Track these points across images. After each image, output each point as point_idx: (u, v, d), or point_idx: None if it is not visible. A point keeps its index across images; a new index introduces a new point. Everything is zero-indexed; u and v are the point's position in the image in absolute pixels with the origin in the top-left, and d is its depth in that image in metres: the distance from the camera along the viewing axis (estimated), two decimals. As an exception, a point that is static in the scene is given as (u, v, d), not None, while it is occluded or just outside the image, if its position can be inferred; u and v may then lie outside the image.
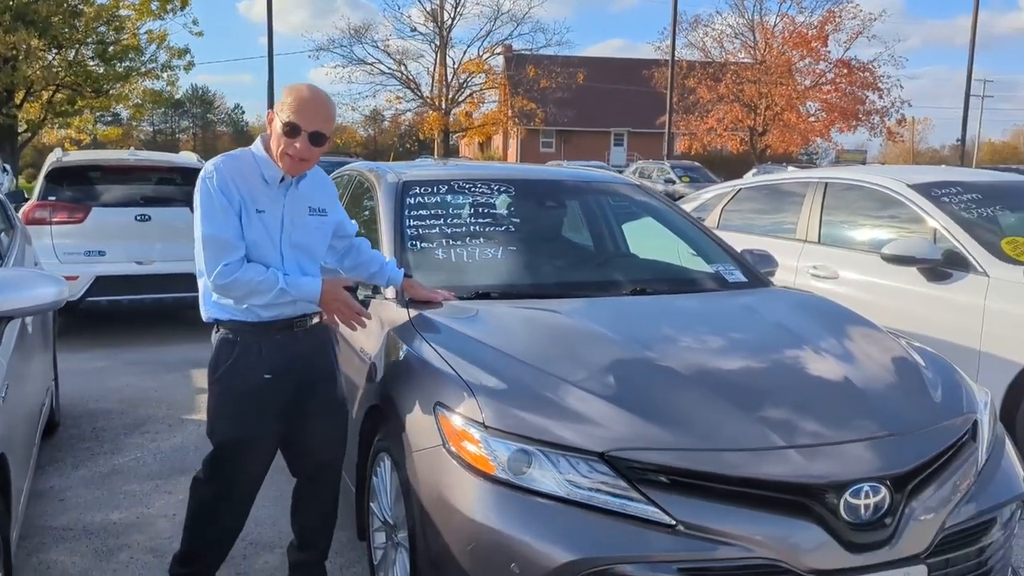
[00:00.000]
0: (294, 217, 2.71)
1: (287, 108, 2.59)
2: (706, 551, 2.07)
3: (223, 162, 2.65)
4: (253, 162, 2.67)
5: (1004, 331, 4.07)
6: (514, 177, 4.00)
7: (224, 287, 2.58)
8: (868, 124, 35.47)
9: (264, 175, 2.66)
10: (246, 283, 2.57)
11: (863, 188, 5.22)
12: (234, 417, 2.70)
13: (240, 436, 2.72)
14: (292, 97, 2.60)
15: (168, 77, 27.43)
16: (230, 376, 2.69)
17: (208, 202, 2.58)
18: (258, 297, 2.61)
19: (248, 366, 2.67)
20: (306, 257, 2.75)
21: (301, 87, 2.65)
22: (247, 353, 2.67)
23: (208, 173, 2.61)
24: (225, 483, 2.79)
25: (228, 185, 2.59)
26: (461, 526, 2.21)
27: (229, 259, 2.56)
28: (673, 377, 2.49)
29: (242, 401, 2.69)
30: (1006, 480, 2.49)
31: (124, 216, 7.08)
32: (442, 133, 37.33)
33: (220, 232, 2.57)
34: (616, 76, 44.39)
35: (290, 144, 2.59)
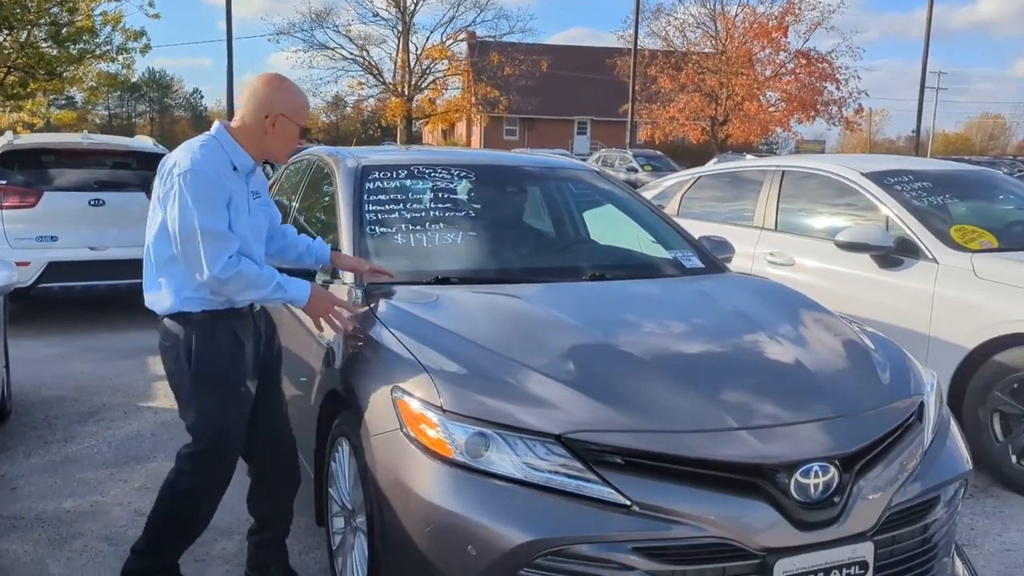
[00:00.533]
0: (250, 203, 2.75)
1: (303, 112, 2.74)
2: (660, 531, 2.10)
3: (208, 153, 2.60)
4: (223, 151, 2.65)
5: (952, 316, 4.18)
6: (475, 162, 4.00)
7: (226, 280, 2.55)
8: (826, 114, 35.96)
9: (234, 163, 2.66)
10: (247, 276, 2.57)
11: (818, 176, 5.30)
12: (221, 403, 2.70)
13: (229, 421, 2.73)
14: (305, 102, 2.76)
15: (124, 60, 26.83)
16: (212, 363, 2.67)
17: (206, 193, 2.54)
18: (255, 291, 2.62)
19: (226, 350, 2.69)
20: (258, 242, 2.79)
21: (301, 92, 2.78)
22: (224, 337, 2.68)
23: (200, 164, 2.55)
24: (213, 472, 2.77)
25: (220, 176, 2.59)
26: (419, 509, 2.22)
27: (231, 251, 2.56)
28: (630, 361, 2.52)
29: (226, 384, 2.70)
30: (950, 460, 2.56)
31: (77, 201, 6.94)
32: (405, 120, 37.07)
33: (220, 225, 2.55)
34: (580, 64, 44.43)
35: (296, 142, 2.77)
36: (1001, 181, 5.51)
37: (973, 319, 4.08)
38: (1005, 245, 4.45)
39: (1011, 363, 3.93)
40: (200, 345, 2.67)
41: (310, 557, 3.23)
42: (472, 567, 2.13)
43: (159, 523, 2.81)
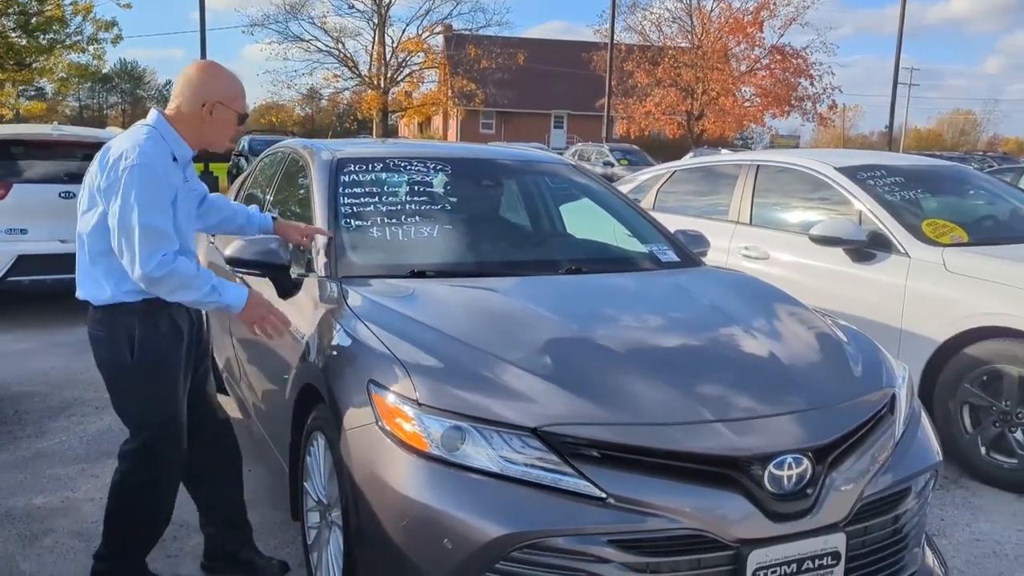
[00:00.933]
0: (187, 192, 2.76)
1: (240, 98, 2.73)
2: (635, 523, 2.11)
3: (149, 148, 2.55)
4: (163, 142, 2.62)
5: (923, 310, 4.23)
6: (451, 156, 3.99)
7: (157, 279, 2.50)
8: (800, 110, 36.21)
9: (175, 154, 2.66)
10: (181, 275, 2.53)
11: (793, 171, 5.34)
12: (167, 391, 2.70)
13: (176, 408, 2.72)
14: (242, 88, 2.74)
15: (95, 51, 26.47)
16: (156, 352, 2.66)
17: (150, 189, 2.50)
18: (187, 293, 2.57)
19: (169, 337, 2.69)
20: (191, 226, 2.83)
21: (236, 79, 2.75)
22: (166, 325, 2.68)
23: (149, 158, 2.52)
24: (166, 462, 2.75)
25: (168, 173, 2.57)
26: (394, 503, 2.22)
27: (166, 250, 2.52)
28: (606, 354, 2.52)
29: (170, 372, 2.70)
30: (921, 451, 2.59)
31: (47, 193, 6.85)
32: (381, 112, 36.86)
33: (160, 223, 2.51)
34: (556, 58, 44.42)
35: (236, 130, 2.77)
36: (971, 176, 5.58)
37: (944, 312, 4.13)
38: (975, 240, 4.51)
39: (980, 356, 3.99)
40: (143, 334, 2.64)
41: (285, 552, 3.21)
42: (448, 561, 2.13)
43: (117, 524, 2.78)
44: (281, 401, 3.09)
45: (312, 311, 3.00)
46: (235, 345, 4.02)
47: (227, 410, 3.74)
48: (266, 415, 3.54)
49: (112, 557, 2.82)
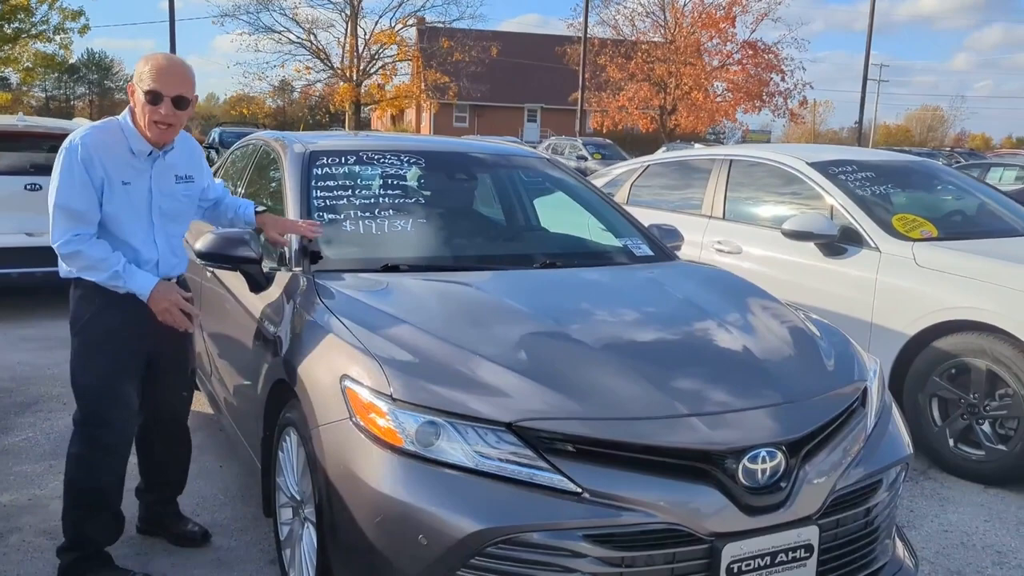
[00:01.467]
0: (162, 187, 2.85)
1: (146, 77, 2.71)
2: (610, 518, 2.11)
3: (90, 135, 2.72)
4: (121, 134, 2.77)
5: (893, 304, 4.27)
6: (424, 149, 3.96)
7: (67, 256, 2.71)
8: (772, 105, 36.51)
9: (132, 148, 2.77)
10: (88, 257, 2.70)
11: (765, 166, 5.37)
12: (100, 366, 2.80)
13: (107, 384, 2.81)
14: (149, 66, 2.72)
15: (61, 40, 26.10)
16: (94, 324, 2.79)
17: (69, 173, 2.67)
18: (94, 273, 2.73)
19: (109, 316, 2.79)
20: (173, 224, 2.93)
21: (157, 56, 2.78)
22: (107, 304, 2.78)
23: (73, 145, 2.69)
24: (96, 435, 2.82)
25: (92, 159, 2.69)
26: (369, 499, 2.20)
27: (80, 231, 2.69)
28: (580, 349, 2.52)
29: (104, 349, 2.80)
30: (892, 444, 2.61)
31: (12, 185, 6.71)
32: (353, 105, 36.61)
33: (75, 204, 2.67)
34: (530, 52, 44.37)
35: (155, 111, 2.71)
36: (941, 172, 5.64)
37: (913, 306, 4.18)
38: (944, 234, 4.57)
39: (949, 349, 4.04)
40: (82, 310, 2.81)
41: (256, 549, 3.18)
42: (423, 557, 2.12)
43: (66, 508, 2.88)
44: (253, 397, 3.05)
45: (284, 305, 2.97)
46: (206, 340, 3.97)
47: (198, 406, 3.69)
48: (238, 411, 3.50)
49: (71, 548, 2.88)
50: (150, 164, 2.81)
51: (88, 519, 2.87)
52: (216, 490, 3.68)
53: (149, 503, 3.24)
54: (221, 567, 3.06)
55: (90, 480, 2.85)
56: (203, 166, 3.10)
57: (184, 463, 3.28)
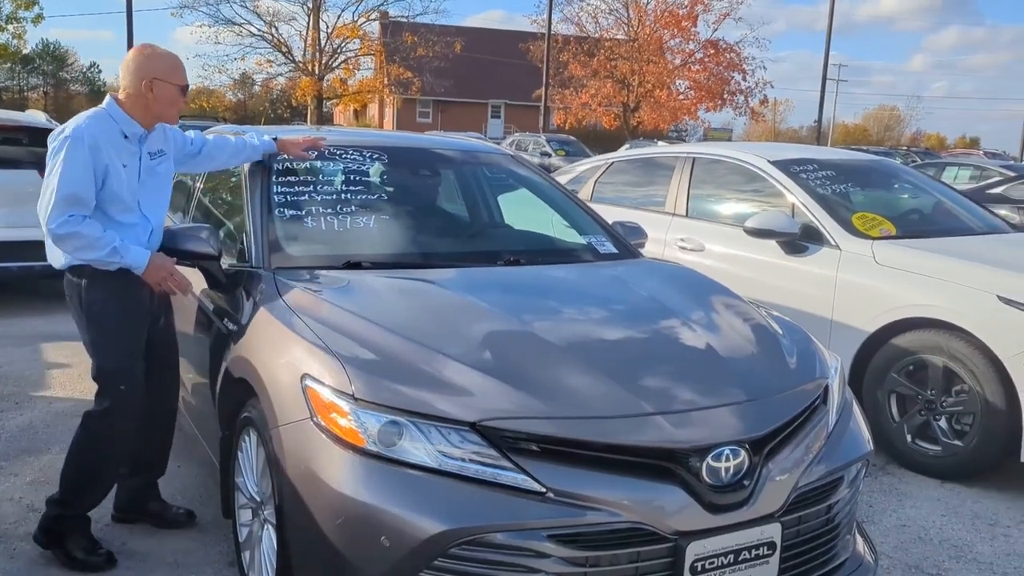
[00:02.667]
0: (146, 164, 3.00)
1: (179, 72, 2.98)
2: (574, 517, 2.10)
3: (91, 124, 2.84)
4: (111, 121, 2.90)
5: (853, 301, 4.32)
6: (387, 144, 3.92)
7: (62, 236, 2.78)
8: (733, 104, 36.87)
9: (125, 132, 2.92)
10: (85, 236, 2.78)
11: (728, 164, 5.41)
12: (115, 346, 2.91)
13: (123, 364, 2.91)
14: (175, 63, 2.98)
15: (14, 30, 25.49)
16: (111, 307, 2.90)
17: (73, 161, 2.78)
18: (91, 252, 2.82)
19: (125, 297, 2.91)
20: (157, 198, 3.07)
21: (169, 53, 3.00)
22: (113, 286, 2.89)
23: (79, 131, 2.80)
24: (115, 414, 2.91)
25: (99, 145, 2.82)
26: (330, 501, 2.17)
27: (74, 212, 2.78)
28: (544, 347, 2.50)
29: (125, 327, 2.93)
30: (853, 441, 2.64)
31: None
32: (316, 99, 36.22)
33: (77, 189, 2.77)
34: (494, 47, 44.26)
35: (181, 101, 3.00)
36: (900, 171, 5.73)
37: (873, 304, 4.23)
38: (903, 233, 4.63)
39: (907, 346, 4.10)
40: (94, 295, 2.90)
41: (216, 550, 3.12)
42: (386, 558, 2.09)
43: (69, 471, 3.00)
44: (211, 396, 3.00)
45: (245, 303, 2.92)
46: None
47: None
48: (196, 409, 3.43)
49: (61, 503, 3.01)
50: (139, 146, 2.97)
51: (86, 488, 3.01)
52: (174, 491, 3.60)
53: (132, 488, 3.27)
54: (179, 569, 3.00)
55: (99, 458, 2.99)
56: (167, 134, 3.16)
57: (168, 447, 3.34)
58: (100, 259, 2.83)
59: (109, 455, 3.01)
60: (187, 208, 4.13)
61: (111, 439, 2.97)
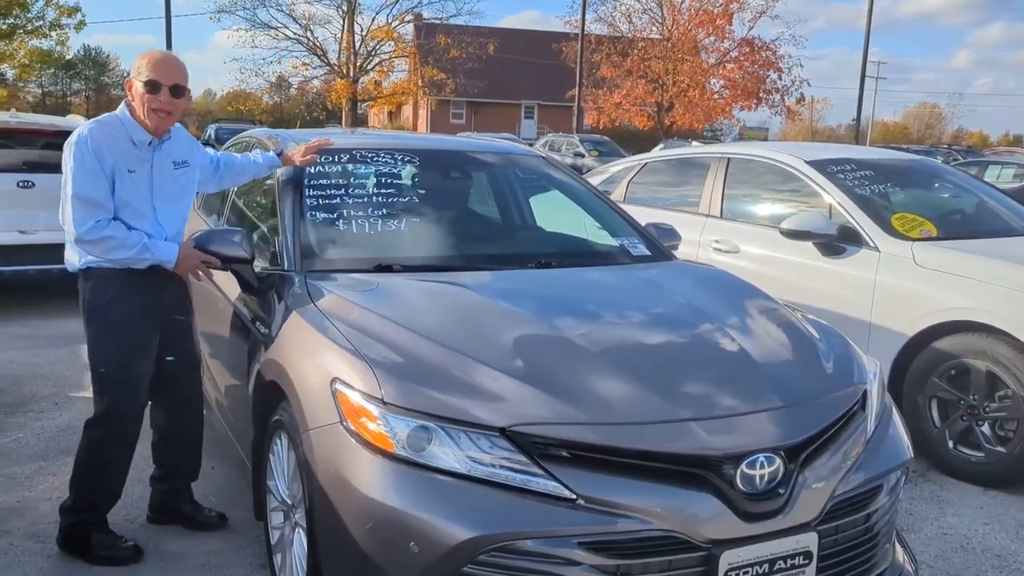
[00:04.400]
0: (162, 173, 3.02)
1: (145, 69, 2.92)
2: (605, 524, 2.07)
3: (95, 128, 2.90)
4: (121, 127, 2.95)
5: (892, 304, 4.24)
6: (419, 147, 3.92)
7: (92, 241, 2.85)
8: (769, 102, 36.46)
9: (132, 139, 2.95)
10: (114, 237, 2.85)
11: (763, 164, 5.33)
12: (114, 354, 2.96)
13: (122, 371, 2.96)
14: (147, 59, 2.95)
15: (57, 36, 26.00)
16: (110, 310, 2.94)
17: (81, 164, 2.84)
18: (122, 251, 2.88)
19: (122, 302, 2.94)
20: (175, 207, 3.10)
21: (154, 51, 3.01)
22: (118, 292, 2.94)
23: (82, 137, 2.86)
24: (111, 421, 2.98)
25: (102, 150, 2.86)
26: (359, 505, 2.16)
27: (100, 216, 2.84)
28: (576, 351, 2.47)
29: (118, 337, 2.95)
30: (893, 448, 2.58)
31: (5, 182, 6.65)
32: (350, 102, 36.49)
33: (91, 192, 2.83)
34: (528, 48, 44.26)
35: (154, 99, 2.90)
36: (940, 170, 5.61)
37: (913, 307, 4.14)
38: (944, 234, 4.53)
39: (949, 350, 4.00)
40: (94, 298, 2.96)
41: (248, 552, 3.14)
42: (415, 564, 2.08)
43: (77, 476, 3.07)
44: (244, 398, 3.01)
45: (276, 306, 2.93)
46: (199, 339, 3.92)
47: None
48: (229, 411, 3.46)
49: (74, 510, 3.07)
50: (151, 153, 2.98)
51: (95, 491, 3.07)
52: (208, 492, 3.63)
53: (163, 491, 3.33)
54: (211, 570, 3.02)
55: (102, 464, 3.04)
56: (195, 148, 3.27)
57: (198, 449, 3.37)
58: (131, 257, 2.90)
59: (111, 460, 3.04)
60: (221, 210, 4.17)
61: (111, 444, 3.02)
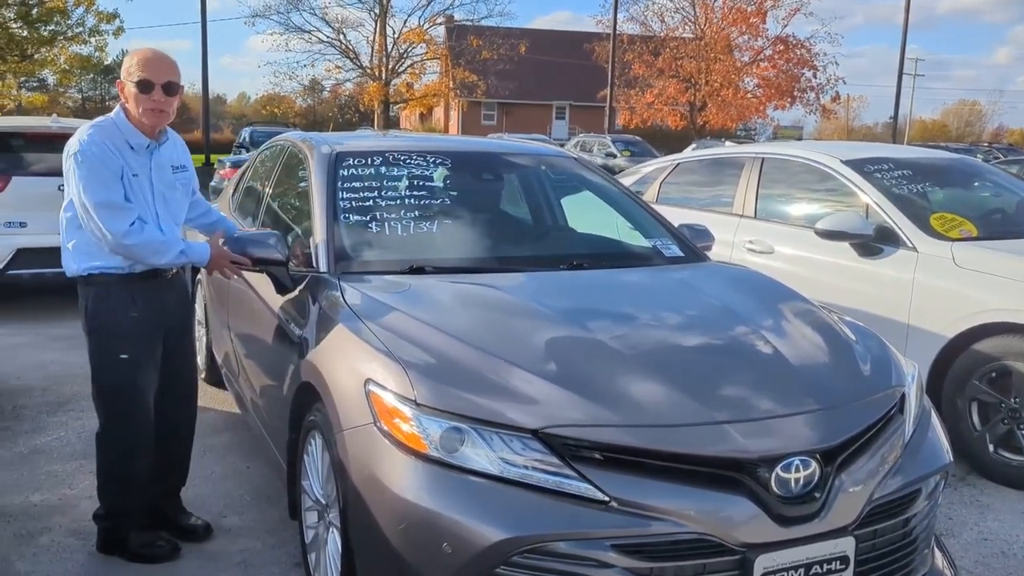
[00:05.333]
0: (161, 177, 3.00)
1: (135, 69, 2.85)
2: (639, 527, 2.06)
3: (95, 133, 2.85)
4: (118, 131, 2.90)
5: (931, 305, 4.17)
6: (451, 149, 3.93)
7: (131, 246, 2.82)
8: (803, 101, 36.06)
9: (130, 143, 2.90)
10: (150, 242, 2.85)
11: (798, 164, 5.27)
12: (113, 359, 2.94)
13: (120, 376, 2.96)
14: (137, 59, 2.88)
15: (97, 42, 26.42)
16: (113, 319, 2.93)
17: (91, 171, 2.80)
18: (159, 256, 2.89)
19: (121, 310, 2.93)
20: (173, 211, 3.07)
21: (142, 50, 2.92)
22: (118, 298, 2.93)
23: (86, 144, 2.81)
24: (112, 423, 3.01)
25: (107, 153, 2.83)
26: (393, 505, 2.17)
27: (131, 218, 2.82)
28: (608, 353, 2.47)
29: (122, 341, 2.94)
30: (931, 452, 2.54)
31: (47, 186, 6.76)
32: (382, 104, 36.72)
33: (113, 196, 2.81)
34: (559, 49, 44.22)
35: (147, 99, 2.85)
36: (981, 169, 5.50)
37: (952, 308, 4.07)
38: (984, 234, 4.45)
39: (989, 352, 3.93)
40: (95, 304, 2.94)
41: (283, 551, 3.17)
42: (448, 565, 2.08)
43: (101, 484, 3.10)
44: (279, 398, 3.04)
45: (311, 308, 2.95)
46: (233, 340, 3.97)
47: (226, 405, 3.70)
48: (264, 412, 3.49)
49: (107, 516, 3.11)
50: (148, 157, 2.95)
51: (120, 495, 3.09)
52: (243, 491, 3.68)
53: (153, 496, 3.25)
54: (247, 569, 3.05)
55: (120, 472, 3.05)
56: (190, 158, 3.25)
57: (188, 451, 3.37)
58: (169, 262, 2.92)
59: (128, 471, 3.05)
60: (256, 213, 4.21)
61: (123, 453, 3.03)
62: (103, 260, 2.90)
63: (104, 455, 3.07)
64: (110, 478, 3.07)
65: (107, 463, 3.06)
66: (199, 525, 3.28)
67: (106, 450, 3.06)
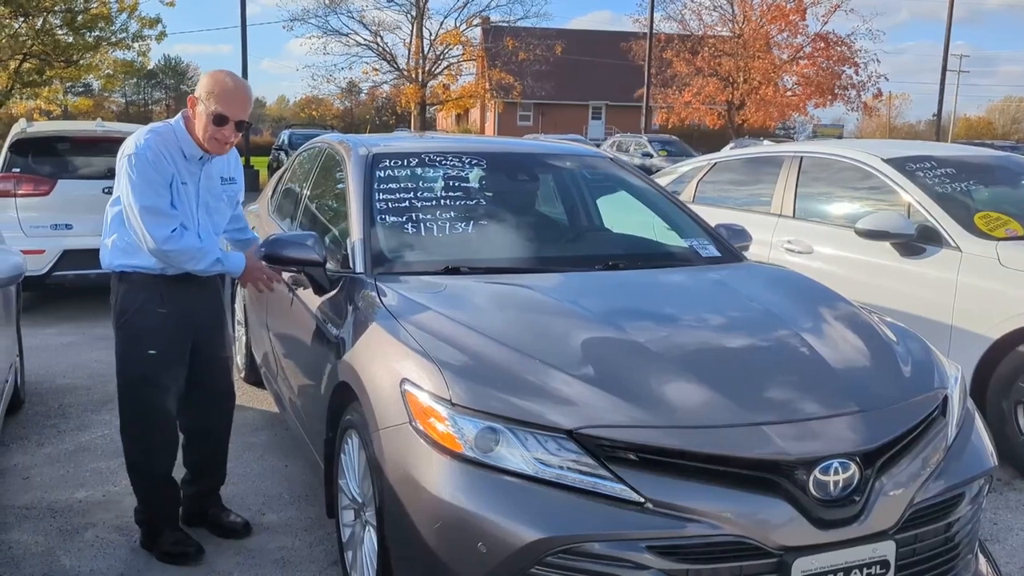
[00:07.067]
0: (209, 187, 3.06)
1: (214, 99, 2.89)
2: (674, 528, 2.05)
3: (153, 138, 2.89)
4: (175, 138, 2.95)
5: (975, 306, 4.08)
6: (486, 150, 3.94)
7: (168, 252, 2.86)
8: (844, 99, 35.51)
9: (184, 151, 2.95)
10: (188, 250, 2.89)
11: (838, 162, 5.20)
12: (137, 356, 2.99)
13: (143, 374, 2.99)
14: (219, 88, 2.90)
15: (139, 47, 26.86)
16: (142, 317, 2.97)
17: (143, 176, 2.84)
18: (195, 263, 2.93)
19: (156, 310, 2.97)
20: (215, 220, 3.12)
21: (224, 76, 2.95)
22: (149, 297, 2.97)
23: (142, 148, 2.86)
24: (132, 421, 3.06)
25: (161, 160, 2.88)
26: (428, 505, 2.18)
27: (173, 226, 2.86)
28: (644, 354, 2.45)
29: (148, 338, 2.97)
30: (975, 455, 2.49)
31: (91, 189, 6.93)
32: (419, 106, 36.89)
33: (158, 203, 2.85)
34: (595, 49, 44.10)
35: (218, 131, 2.91)
36: (1027, 167, 5.38)
37: (997, 308, 3.98)
38: (1031, 233, 4.35)
39: (1036, 354, 3.84)
40: (125, 300, 2.99)
41: (320, 549, 3.20)
42: (482, 564, 2.09)
43: (133, 481, 3.16)
44: (316, 398, 3.07)
45: (347, 308, 2.98)
46: (272, 340, 4.02)
47: (264, 404, 3.74)
48: (301, 411, 3.53)
49: (144, 513, 3.18)
50: (199, 167, 3.01)
51: (151, 493, 3.15)
52: (282, 489, 3.73)
53: (193, 495, 3.34)
54: (285, 566, 3.09)
55: (147, 465, 3.11)
56: (241, 169, 3.30)
57: (224, 452, 3.40)
58: (204, 269, 2.96)
59: (147, 464, 3.10)
60: (295, 215, 4.26)
61: (143, 449, 3.08)
62: (140, 260, 2.95)
63: (126, 451, 3.13)
64: (135, 473, 3.14)
65: (129, 458, 3.13)
66: (238, 522, 3.32)
67: (127, 445, 3.12)
